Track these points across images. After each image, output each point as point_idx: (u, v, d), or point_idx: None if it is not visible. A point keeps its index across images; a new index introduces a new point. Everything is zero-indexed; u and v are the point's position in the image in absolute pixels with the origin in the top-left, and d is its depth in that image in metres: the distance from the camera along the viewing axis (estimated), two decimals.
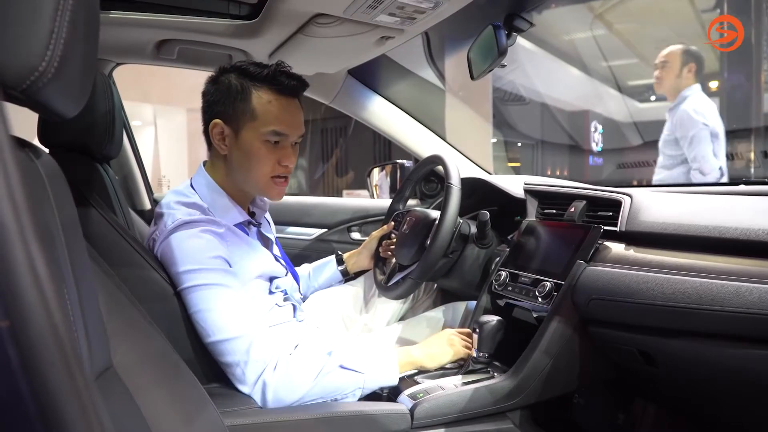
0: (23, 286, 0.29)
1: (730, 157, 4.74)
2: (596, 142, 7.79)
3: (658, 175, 3.18)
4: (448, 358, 1.28)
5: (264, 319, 1.28)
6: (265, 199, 1.46)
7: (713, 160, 2.96)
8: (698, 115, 2.95)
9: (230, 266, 1.19)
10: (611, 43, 7.03)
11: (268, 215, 1.53)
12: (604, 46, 7.05)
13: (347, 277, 1.76)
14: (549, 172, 8.60)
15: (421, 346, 1.30)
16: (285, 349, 1.17)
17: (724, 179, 3.03)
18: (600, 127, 7.73)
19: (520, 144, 8.72)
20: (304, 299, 1.70)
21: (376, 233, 1.75)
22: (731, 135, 5.02)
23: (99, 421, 0.35)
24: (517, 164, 8.69)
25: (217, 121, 1.26)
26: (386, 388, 1.22)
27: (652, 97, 7.71)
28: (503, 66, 1.29)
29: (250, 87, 1.24)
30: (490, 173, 2.04)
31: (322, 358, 1.16)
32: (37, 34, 0.46)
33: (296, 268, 1.72)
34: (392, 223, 1.75)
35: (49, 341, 0.30)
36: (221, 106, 1.26)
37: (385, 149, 7.69)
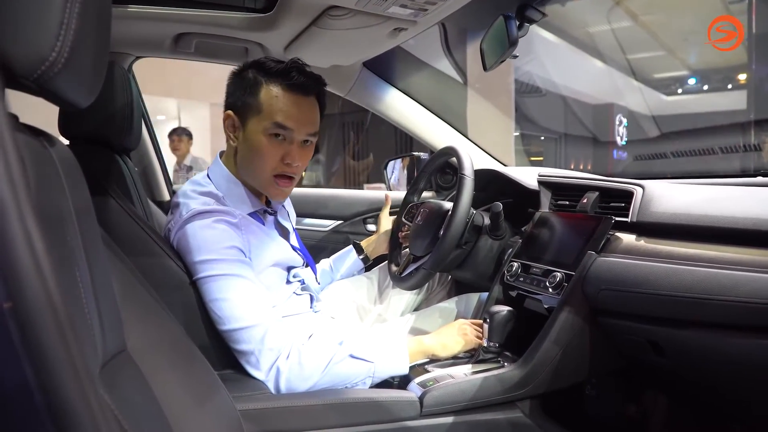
0: (20, 260, 0.31)
1: (757, 147, 4.65)
2: (621, 136, 7.69)
3: None
4: (459, 348, 1.29)
5: (280, 308, 1.30)
6: None
7: None
8: None
9: (245, 256, 1.21)
10: (637, 35, 6.93)
11: (288, 204, 1.55)
12: (629, 38, 6.95)
13: (367, 263, 1.78)
14: (572, 166, 8.51)
15: (434, 335, 1.31)
16: (298, 339, 1.19)
17: None
18: (625, 121, 7.62)
19: (543, 138, 8.64)
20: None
21: (395, 218, 1.76)
22: (758, 126, 4.92)
23: (98, 398, 0.37)
24: (540, 158, 8.61)
25: (229, 112, 1.28)
26: (397, 377, 1.23)
27: (679, 90, 7.58)
28: (515, 57, 1.28)
29: (262, 81, 1.25)
30: (504, 165, 2.04)
31: (333, 347, 1.18)
32: (46, 25, 0.48)
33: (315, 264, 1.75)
34: (409, 206, 1.77)
35: (46, 316, 0.32)
36: (233, 98, 1.28)
37: (404, 142, 7.66)
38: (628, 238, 1.13)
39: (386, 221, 1.81)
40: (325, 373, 1.14)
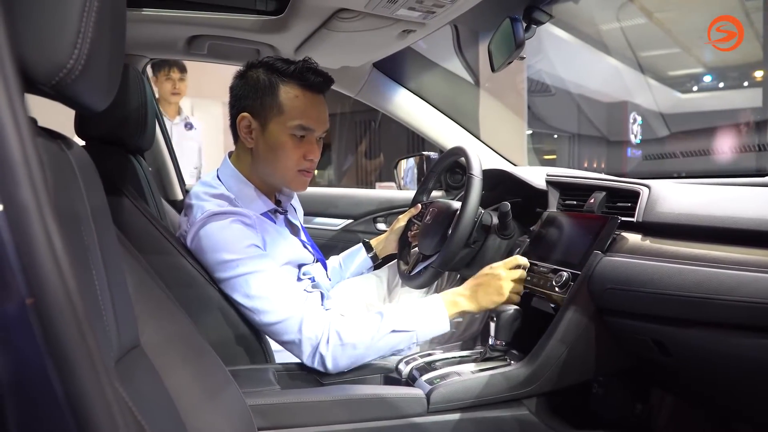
0: (41, 260, 0.33)
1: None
2: (635, 134, 7.62)
3: None
4: (493, 306, 1.28)
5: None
6: None
7: None
8: None
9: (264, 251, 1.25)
10: (651, 32, 6.87)
11: (296, 201, 1.57)
12: (643, 36, 6.89)
13: (377, 262, 1.80)
14: (586, 165, 8.44)
15: (469, 295, 1.30)
16: (335, 320, 1.22)
17: None
18: (639, 119, 7.55)
19: (556, 136, 8.60)
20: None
21: (403, 216, 1.78)
22: None
23: (113, 390, 0.39)
24: (553, 156, 8.56)
25: (245, 114, 1.30)
26: (438, 336, 1.30)
27: (695, 88, 7.50)
28: (522, 58, 1.30)
29: (278, 82, 1.28)
30: (515, 164, 2.05)
31: (373, 323, 1.22)
32: (64, 34, 0.50)
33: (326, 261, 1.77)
34: (419, 205, 1.78)
35: (65, 312, 0.34)
36: (249, 100, 1.30)
37: (416, 140, 7.64)
38: (633, 238, 1.14)
39: (402, 222, 1.81)
40: (369, 348, 1.20)
